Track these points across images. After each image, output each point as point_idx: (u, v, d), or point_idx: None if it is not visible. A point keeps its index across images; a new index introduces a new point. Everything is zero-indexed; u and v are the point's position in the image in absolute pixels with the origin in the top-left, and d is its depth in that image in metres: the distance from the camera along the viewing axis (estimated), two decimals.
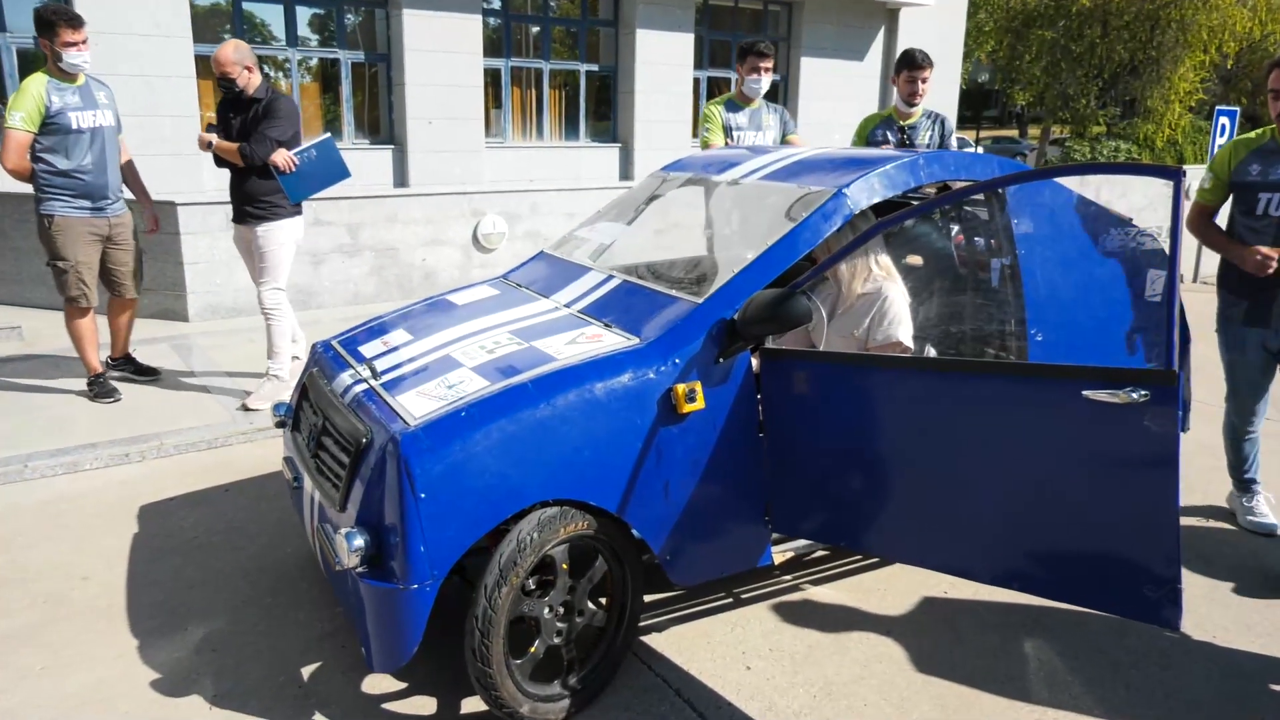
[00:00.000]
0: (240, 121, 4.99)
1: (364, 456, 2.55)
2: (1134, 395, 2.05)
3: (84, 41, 4.79)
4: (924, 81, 4.86)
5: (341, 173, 5.14)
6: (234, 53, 4.85)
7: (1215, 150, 9.33)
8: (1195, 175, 9.71)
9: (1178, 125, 23.55)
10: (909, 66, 4.87)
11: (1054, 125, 27.09)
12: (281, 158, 4.89)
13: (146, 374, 5.55)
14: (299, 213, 5.20)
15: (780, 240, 2.86)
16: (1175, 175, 2.03)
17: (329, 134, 5.27)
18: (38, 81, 4.73)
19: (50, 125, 4.75)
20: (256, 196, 5.00)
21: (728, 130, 5.10)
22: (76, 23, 4.73)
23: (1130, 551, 2.12)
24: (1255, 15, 23.37)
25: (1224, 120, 9.77)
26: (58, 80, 4.79)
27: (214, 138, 4.98)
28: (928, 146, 4.96)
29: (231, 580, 3.38)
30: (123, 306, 5.40)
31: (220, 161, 5.03)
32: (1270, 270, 3.41)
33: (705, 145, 5.05)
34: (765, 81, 5.02)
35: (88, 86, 4.94)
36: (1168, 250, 2.03)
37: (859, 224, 3.04)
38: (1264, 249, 3.46)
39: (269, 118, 4.89)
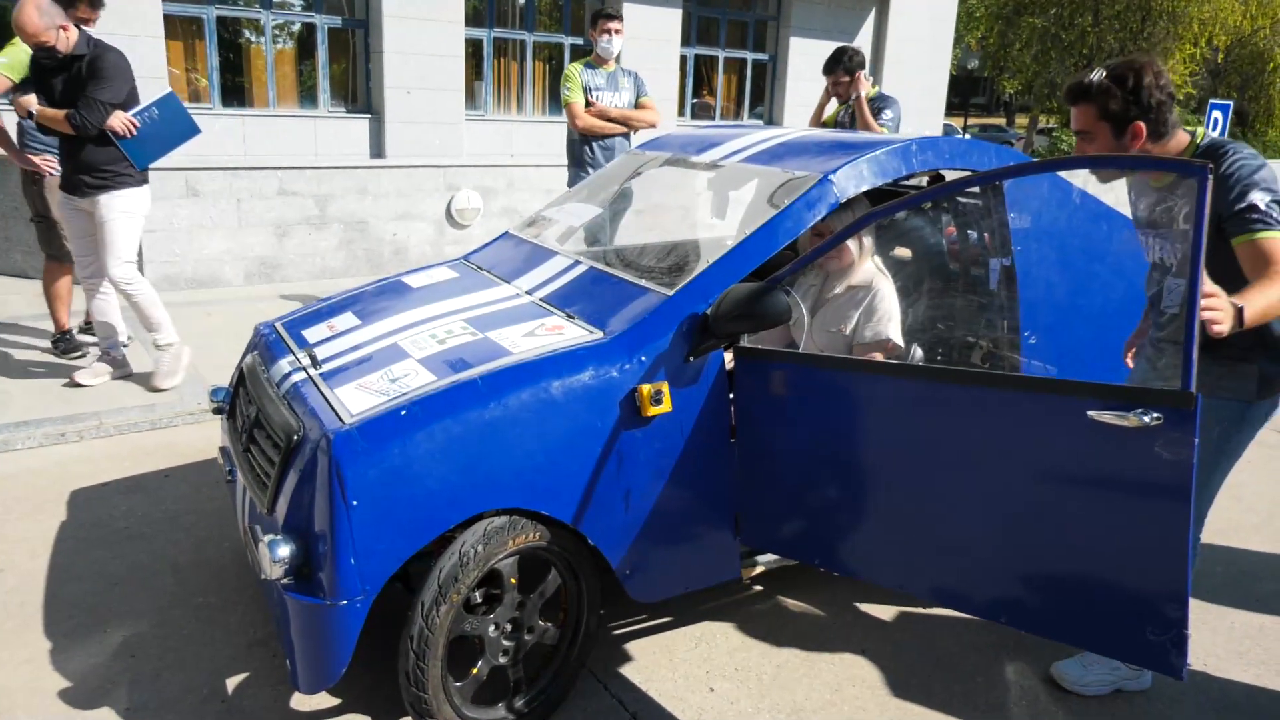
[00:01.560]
0: (63, 83, 4.33)
1: (295, 455, 2.31)
2: (1145, 419, 1.83)
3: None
4: (837, 85, 5.35)
5: (189, 129, 4.65)
6: (40, 17, 4.12)
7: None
8: None
9: None
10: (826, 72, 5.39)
11: (1042, 114, 26.94)
12: (119, 121, 4.34)
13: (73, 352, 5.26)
14: (145, 180, 4.63)
15: (760, 229, 2.64)
16: (1201, 172, 1.82)
17: (170, 90, 4.70)
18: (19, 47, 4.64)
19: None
20: (96, 166, 4.39)
21: (586, 89, 5.53)
22: (96, 3, 4.83)
23: (1133, 590, 1.92)
24: (1246, 8, 23.24)
25: (1217, 114, 9.61)
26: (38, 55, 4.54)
27: (34, 103, 4.36)
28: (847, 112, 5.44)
29: (160, 576, 3.14)
30: (70, 270, 5.19)
31: (45, 129, 4.47)
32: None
33: (566, 103, 5.52)
34: (616, 42, 5.50)
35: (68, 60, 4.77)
36: (1189, 257, 1.81)
37: (846, 213, 2.82)
38: None
39: (95, 78, 4.25)
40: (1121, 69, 2.33)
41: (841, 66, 5.27)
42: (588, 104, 5.52)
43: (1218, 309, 1.87)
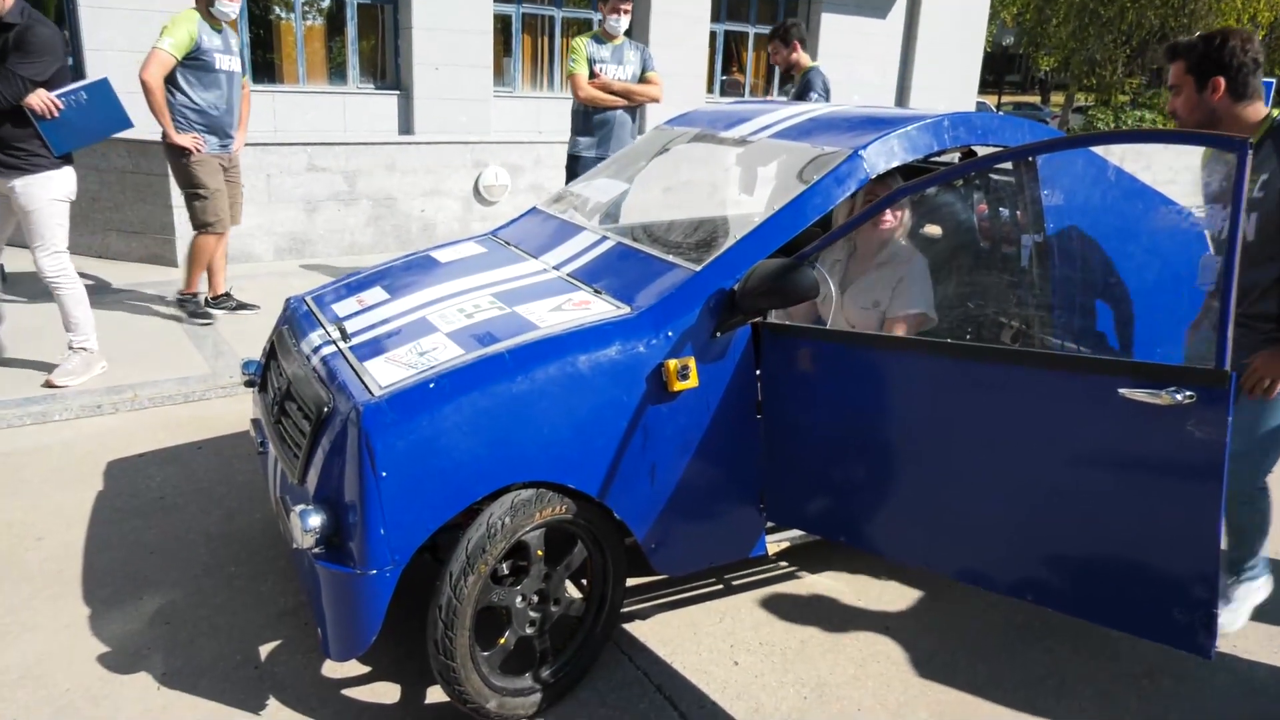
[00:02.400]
0: None
1: (325, 426, 2.34)
2: (1178, 397, 1.81)
3: None
4: (776, 54, 5.92)
5: (120, 122, 4.47)
6: None
7: None
8: None
9: None
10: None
11: (1078, 92, 26.45)
12: (39, 100, 4.08)
13: (247, 308, 5.81)
14: (68, 163, 4.34)
15: (789, 204, 2.62)
16: (1241, 147, 1.78)
17: (105, 76, 4.51)
18: (191, 19, 5.02)
19: (196, 62, 5.08)
20: (9, 143, 4.12)
21: (591, 62, 5.68)
22: None
23: (1162, 569, 1.91)
24: None
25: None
26: (207, 23, 5.10)
27: None
28: (790, 97, 5.89)
29: (194, 546, 3.20)
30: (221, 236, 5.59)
31: None
32: None
33: (570, 74, 5.71)
34: (624, 21, 5.67)
35: (227, 32, 5.28)
36: (1226, 232, 1.78)
37: (877, 189, 2.79)
38: None
39: (20, 50, 4.01)
40: (1213, 32, 2.59)
41: (778, 37, 5.81)
42: (592, 75, 5.65)
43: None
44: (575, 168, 5.85)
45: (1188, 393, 1.81)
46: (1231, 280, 1.76)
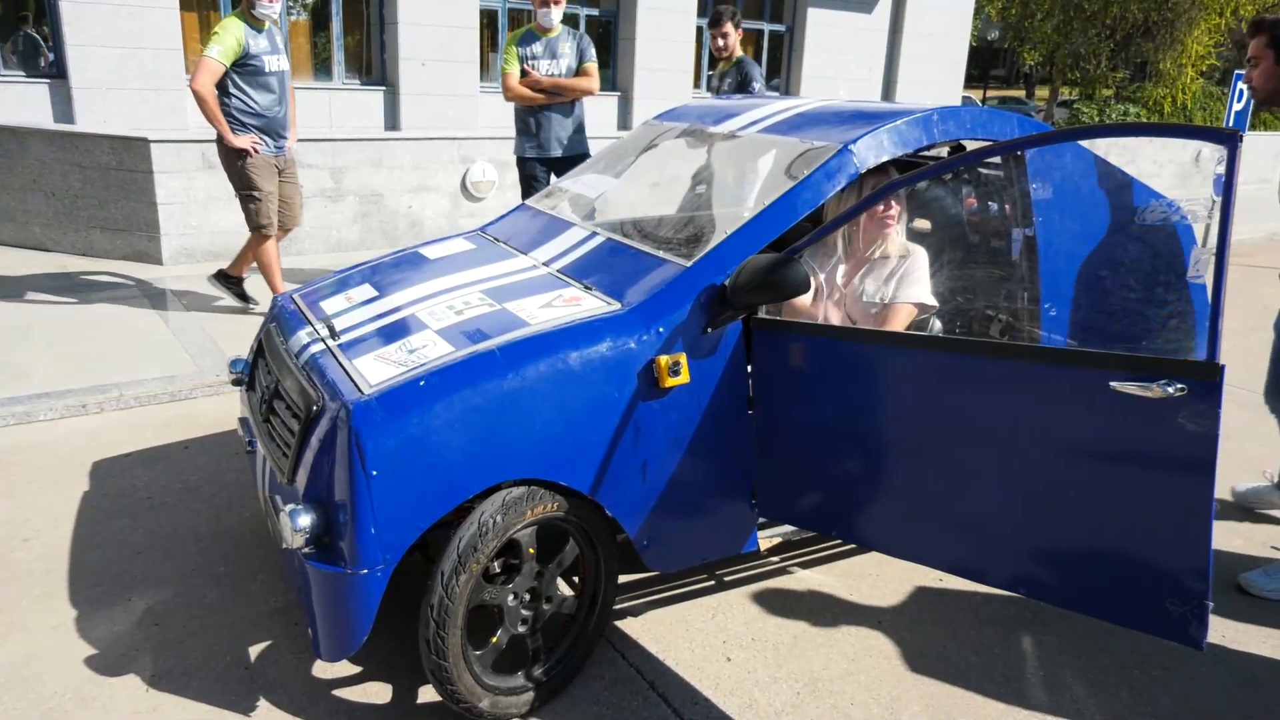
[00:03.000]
0: None
1: (314, 425, 2.32)
2: (1169, 389, 1.82)
3: None
4: (724, 37, 5.90)
5: None
6: None
7: (1231, 118, 9.02)
8: None
9: (1189, 90, 23.07)
10: (710, 25, 5.95)
11: (1063, 86, 26.52)
12: None
13: (244, 300, 5.81)
14: None
15: (779, 199, 2.61)
16: (1231, 140, 1.78)
17: None
18: (236, 25, 5.08)
19: (247, 66, 5.13)
20: None
21: (523, 59, 5.55)
22: None
23: (1154, 562, 1.91)
24: None
25: (1242, 85, 9.43)
26: (251, 25, 5.14)
27: None
28: (728, 88, 5.95)
29: (182, 545, 3.17)
30: (278, 236, 5.66)
31: None
32: None
33: (501, 73, 5.59)
34: (556, 13, 5.50)
35: (271, 31, 5.31)
36: (1216, 223, 1.79)
37: (868, 182, 2.79)
38: None
39: None
40: None
41: (729, 20, 5.84)
42: (524, 74, 5.52)
43: None
44: (523, 170, 5.73)
45: (1179, 385, 1.82)
46: (1223, 272, 1.76)
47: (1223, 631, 2.95)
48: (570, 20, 12.47)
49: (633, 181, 3.60)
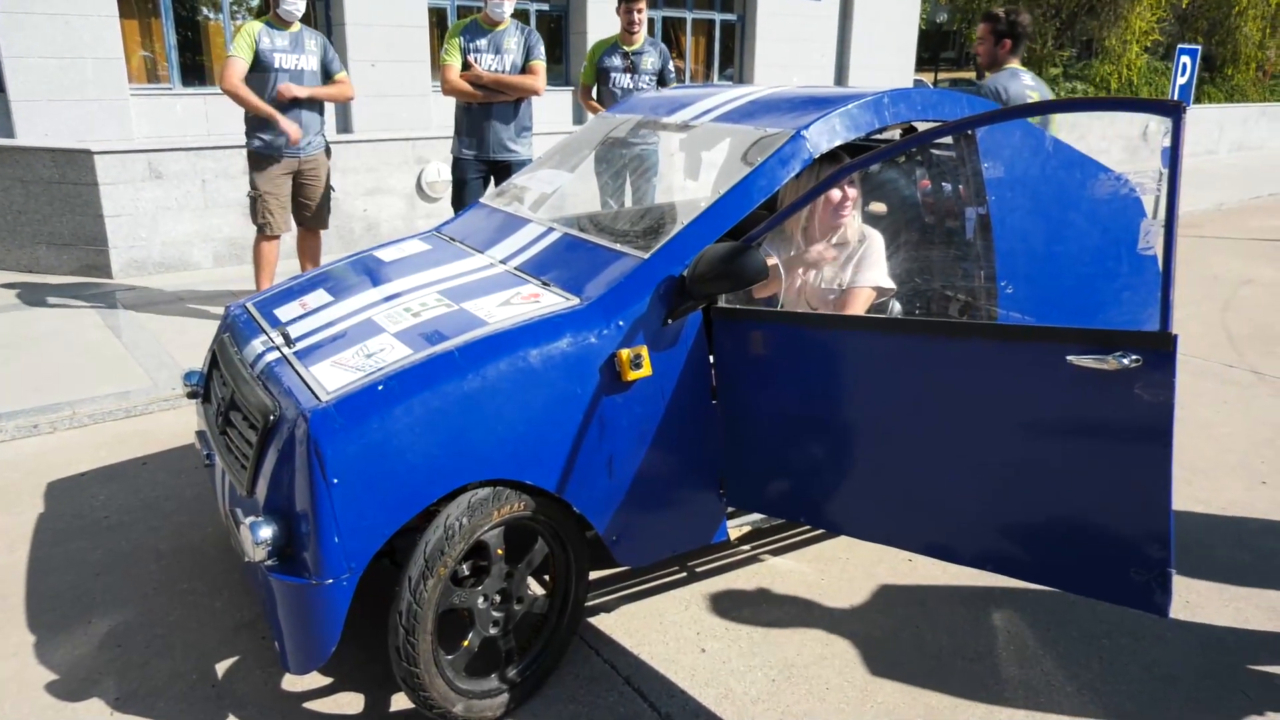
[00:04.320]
0: None
1: (273, 435, 2.28)
2: (1125, 361, 1.83)
3: None
4: (639, 12, 5.55)
5: None
6: None
7: (1175, 91, 9.16)
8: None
9: (1134, 66, 23.43)
10: (623, 0, 5.60)
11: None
12: None
13: None
14: None
15: (734, 187, 2.60)
16: (1175, 111, 1.80)
17: None
18: (253, 24, 5.14)
19: (257, 64, 5.11)
20: None
21: (465, 51, 5.28)
22: None
23: (1117, 532, 1.93)
24: None
25: (1185, 59, 9.59)
26: (274, 25, 5.17)
27: None
28: (651, 70, 5.70)
29: (143, 564, 3.11)
30: (305, 237, 5.68)
31: None
32: None
33: (442, 65, 5.29)
34: (508, 4, 5.27)
35: (300, 34, 5.27)
36: (1163, 196, 1.80)
37: (823, 168, 2.79)
38: None
39: None
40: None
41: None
42: (466, 66, 5.24)
43: None
44: (457, 173, 5.43)
45: (1134, 357, 1.83)
46: (1172, 243, 1.78)
47: (1187, 598, 3.00)
48: (520, 15, 12.37)
49: (588, 175, 3.58)
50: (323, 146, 5.46)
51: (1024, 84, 4.47)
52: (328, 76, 5.39)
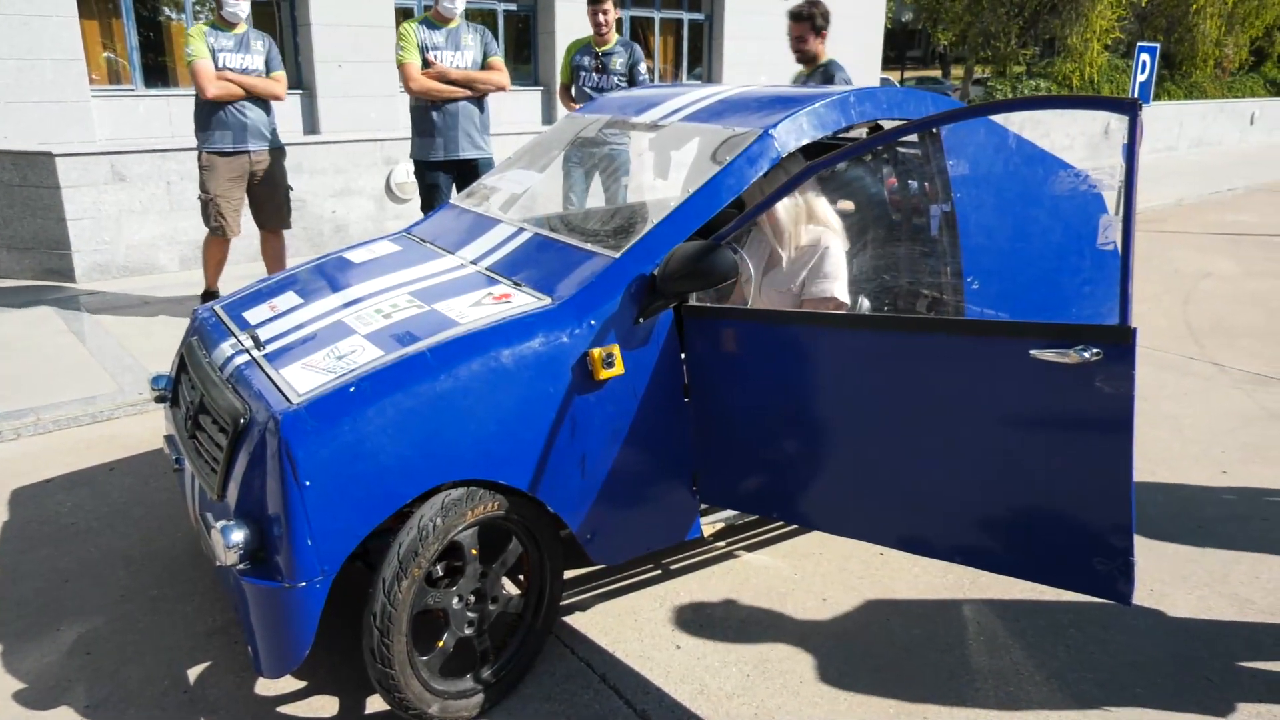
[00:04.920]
0: None
1: (243, 438, 2.26)
2: (1085, 354, 1.87)
3: None
4: (605, 14, 5.50)
5: None
6: None
7: (1135, 88, 9.31)
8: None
9: (1095, 64, 23.77)
10: (590, 2, 5.55)
11: (976, 65, 27.09)
12: None
13: None
14: None
15: (703, 186, 2.63)
16: (1132, 109, 1.84)
17: None
18: (197, 28, 5.21)
19: None
20: None
21: (424, 49, 5.16)
22: None
23: (1081, 522, 1.97)
24: None
25: (1145, 57, 9.75)
26: (219, 27, 5.24)
27: None
28: (621, 70, 5.62)
29: (112, 570, 3.07)
30: (267, 239, 5.75)
31: None
32: None
33: (400, 63, 5.18)
34: (459, 1, 5.21)
35: (246, 35, 5.33)
36: (1122, 192, 1.85)
37: (789, 167, 2.82)
38: None
39: None
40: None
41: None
42: (426, 65, 5.14)
43: None
44: (424, 178, 5.32)
45: (1094, 350, 1.87)
46: (1130, 238, 1.82)
47: (1151, 587, 3.06)
48: (489, 15, 12.34)
49: (558, 175, 3.58)
50: (269, 145, 5.48)
51: (848, 73, 4.67)
52: (268, 75, 5.45)
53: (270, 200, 5.57)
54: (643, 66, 5.69)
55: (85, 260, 6.60)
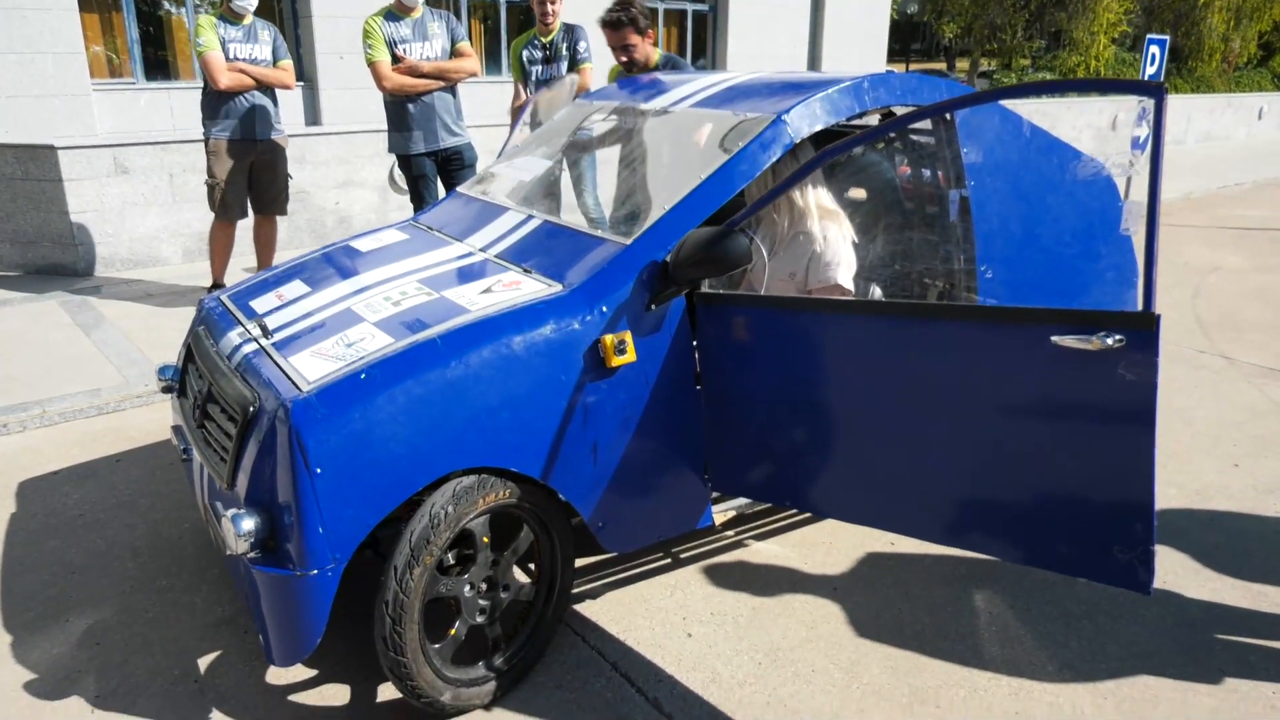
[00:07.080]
0: None
1: (252, 426, 2.25)
2: (1108, 341, 1.85)
3: None
4: (552, 3, 5.24)
5: None
6: None
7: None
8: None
9: (1102, 57, 23.69)
10: None
11: (981, 57, 27.01)
12: None
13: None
14: None
15: (715, 173, 2.60)
16: (1157, 93, 1.82)
17: None
18: (207, 18, 5.29)
19: None
20: None
21: (391, 43, 5.10)
22: None
23: (1100, 511, 1.95)
24: None
25: (1154, 49, 9.69)
26: (227, 19, 5.34)
27: None
28: (566, 53, 5.37)
29: (120, 562, 3.06)
30: (261, 224, 5.85)
31: None
32: None
33: (370, 62, 5.11)
34: None
35: (253, 26, 5.44)
36: (1146, 177, 1.82)
37: (800, 154, 2.79)
38: None
39: None
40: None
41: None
42: (395, 60, 5.09)
43: None
44: (410, 169, 5.29)
45: (1117, 336, 1.85)
46: (1155, 223, 1.79)
47: (1163, 578, 3.04)
48: (490, 8, 12.29)
49: (567, 162, 3.56)
50: (274, 134, 5.61)
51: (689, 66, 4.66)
52: (275, 64, 5.58)
53: (271, 187, 5.73)
54: (583, 45, 5.36)
55: (89, 253, 6.58)
